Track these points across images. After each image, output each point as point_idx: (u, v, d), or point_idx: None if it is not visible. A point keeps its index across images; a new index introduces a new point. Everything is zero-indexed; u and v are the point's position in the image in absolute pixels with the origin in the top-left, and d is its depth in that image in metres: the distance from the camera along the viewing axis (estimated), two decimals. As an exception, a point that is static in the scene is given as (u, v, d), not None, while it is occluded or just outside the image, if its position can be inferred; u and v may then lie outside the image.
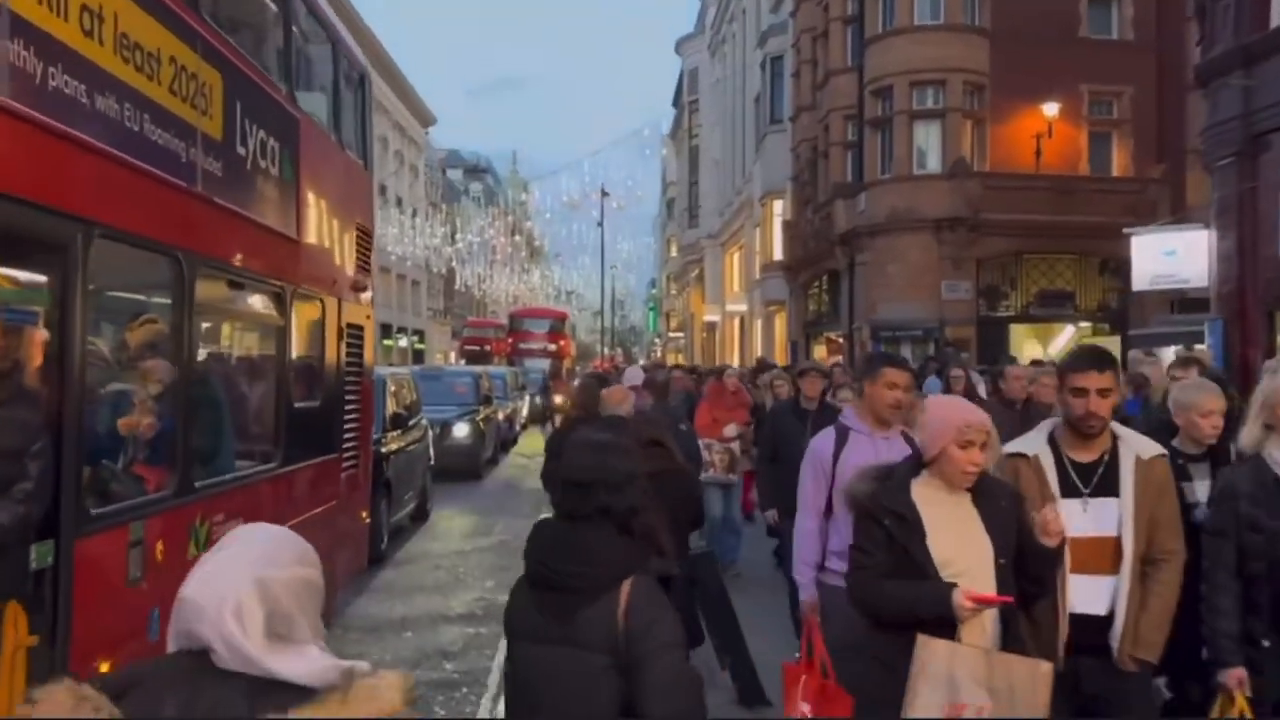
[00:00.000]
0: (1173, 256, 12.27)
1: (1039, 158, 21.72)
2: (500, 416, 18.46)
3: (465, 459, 14.59)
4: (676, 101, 57.40)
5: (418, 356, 60.89)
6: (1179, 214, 22.13)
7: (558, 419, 29.28)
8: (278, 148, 5.64)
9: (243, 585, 1.41)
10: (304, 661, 1.41)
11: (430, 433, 13.41)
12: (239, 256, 5.17)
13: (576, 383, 11.23)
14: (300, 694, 1.36)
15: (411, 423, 10.84)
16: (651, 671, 2.11)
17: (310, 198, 6.28)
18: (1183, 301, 21.81)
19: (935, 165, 21.67)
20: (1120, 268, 22.59)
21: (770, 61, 31.09)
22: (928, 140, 21.84)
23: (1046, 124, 21.65)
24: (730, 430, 8.46)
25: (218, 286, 5.14)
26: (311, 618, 1.48)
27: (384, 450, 9.57)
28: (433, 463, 11.91)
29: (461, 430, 14.55)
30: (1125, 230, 14.59)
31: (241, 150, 5.14)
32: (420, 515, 11.38)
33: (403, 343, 59.02)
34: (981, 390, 8.53)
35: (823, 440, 4.02)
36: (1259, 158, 9.67)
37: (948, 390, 7.80)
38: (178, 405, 4.45)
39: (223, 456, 5.04)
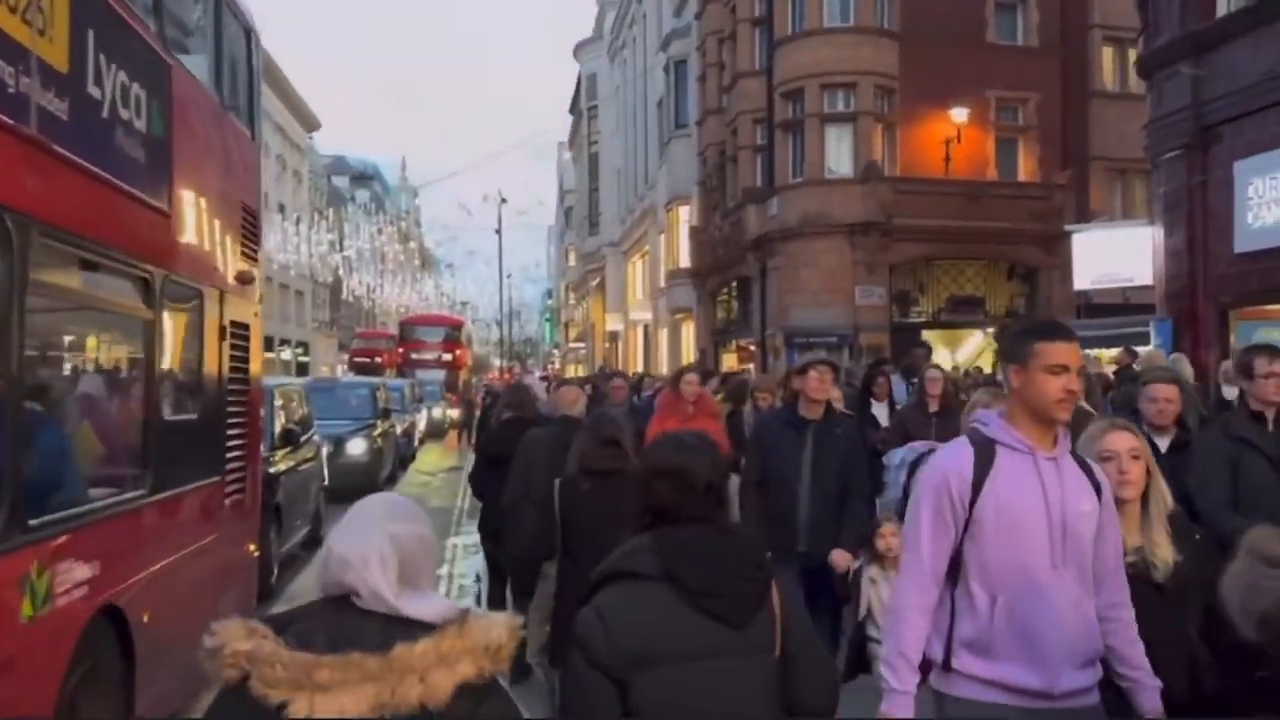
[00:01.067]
0: (1116, 254, 11.95)
1: (948, 163, 21.65)
2: (399, 431, 17.19)
3: (362, 477, 13.31)
4: (574, 108, 56.56)
5: (302, 370, 58.32)
6: (1082, 220, 22.44)
7: (454, 434, 28.23)
8: (144, 96, 4.50)
9: (381, 540, 1.69)
10: (429, 603, 1.71)
11: (323, 450, 12.21)
12: (92, 227, 4.04)
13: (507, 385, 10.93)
14: (426, 628, 1.65)
15: (303, 439, 9.61)
16: (812, 660, 2.19)
17: (186, 163, 5.13)
18: (1089, 307, 22.09)
19: (847, 169, 21.35)
20: (1028, 274, 22.78)
21: (674, 65, 30.52)
22: (839, 144, 21.51)
23: (955, 129, 21.60)
24: None
25: (62, 265, 3.98)
26: (430, 569, 1.79)
27: (273, 471, 8.37)
28: (326, 483, 10.65)
29: (358, 447, 13.29)
30: (1067, 228, 14.39)
31: (95, 91, 4.01)
32: (314, 542, 10.14)
33: (286, 355, 56.43)
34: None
35: (955, 458, 2.61)
36: (1209, 150, 9.37)
37: (922, 395, 7.08)
38: (2, 420, 3.31)
39: (67, 485, 3.89)
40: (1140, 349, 9.67)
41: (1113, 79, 23.51)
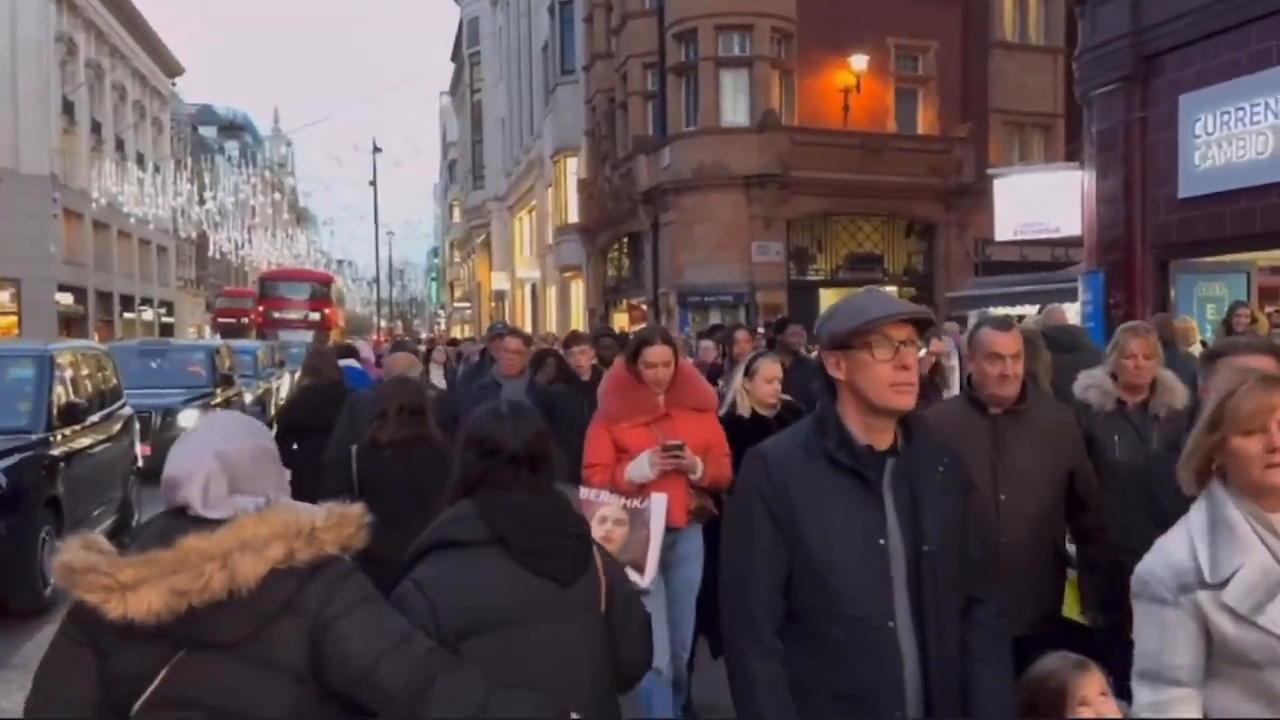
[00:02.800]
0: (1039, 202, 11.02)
1: (847, 113, 20.68)
2: (248, 399, 15.27)
3: (197, 455, 11.55)
4: (456, 55, 53.85)
5: (166, 331, 54.52)
6: (982, 176, 21.85)
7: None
8: None
9: (207, 459, 1.82)
10: (236, 502, 1.80)
11: (139, 425, 10.41)
12: None
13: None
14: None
15: (103, 414, 7.86)
16: (634, 616, 2.24)
17: None
18: (987, 264, 21.58)
19: (743, 118, 20.15)
20: (926, 230, 22.11)
21: (559, 6, 28.73)
22: (735, 91, 20.27)
23: (854, 78, 20.62)
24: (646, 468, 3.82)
25: None
26: (265, 475, 1.90)
27: (51, 455, 6.66)
28: (139, 464, 8.91)
29: (189, 419, 11.46)
30: (989, 171, 13.44)
31: None
32: (123, 529, 8.43)
33: (148, 315, 52.65)
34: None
35: None
36: (1149, 82, 8.43)
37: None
38: None
39: None
40: (1065, 306, 8.72)
41: (1013, 29, 22.91)
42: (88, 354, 8.18)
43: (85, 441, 7.20)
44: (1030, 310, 11.78)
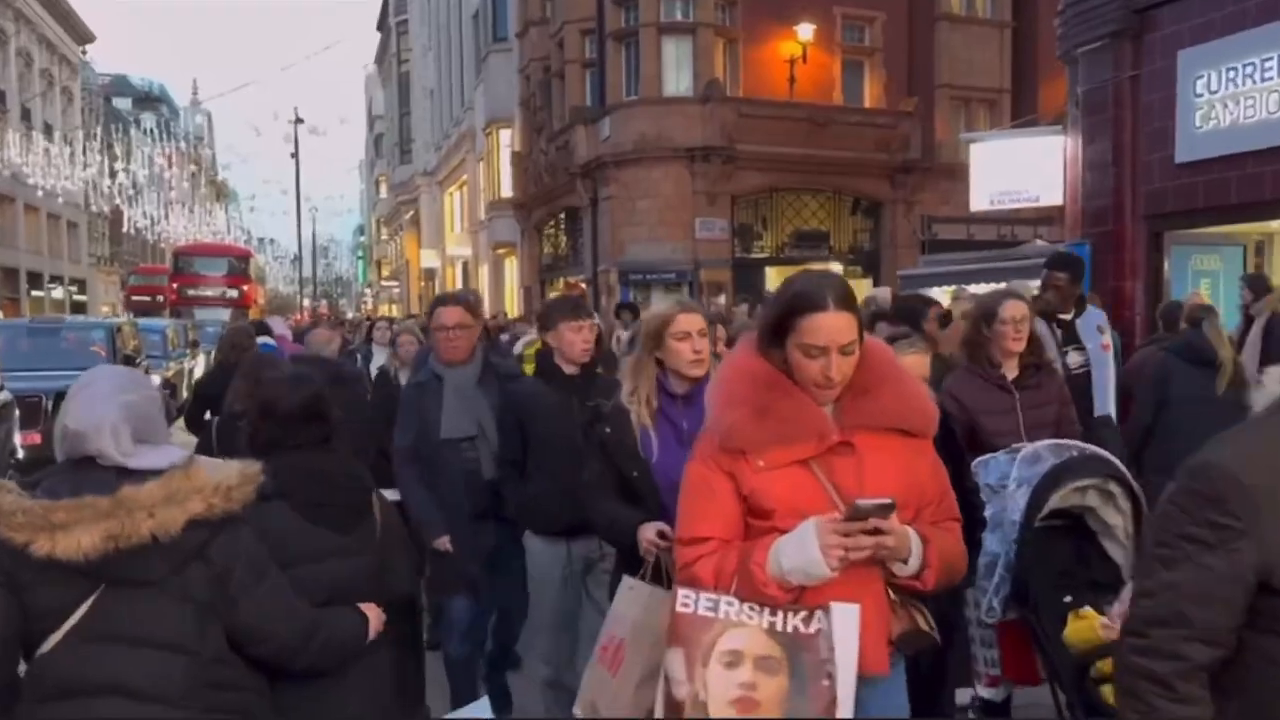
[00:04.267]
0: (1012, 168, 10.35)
1: (793, 85, 19.93)
2: (155, 382, 14.01)
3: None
4: (382, 24, 51.90)
5: (78, 309, 51.83)
6: (928, 152, 21.33)
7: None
8: None
9: (113, 411, 1.94)
10: (160, 454, 1.98)
11: (24, 411, 9.28)
12: None
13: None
14: (156, 475, 1.95)
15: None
16: (400, 555, 2.64)
17: None
18: (934, 243, 21.10)
19: (686, 88, 19.28)
20: (873, 207, 21.53)
21: (492, -29, 27.46)
22: (678, 59, 19.38)
23: (800, 48, 19.86)
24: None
25: None
26: (162, 424, 2.08)
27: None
28: (17, 455, 7.76)
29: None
30: (963, 137, 12.78)
31: None
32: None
33: (57, 294, 49.98)
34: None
35: None
36: (1142, 38, 7.79)
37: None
38: None
39: None
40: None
41: (960, 1, 22.39)
42: None
43: None
44: (986, 288, 11.21)
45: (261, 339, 7.45)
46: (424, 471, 3.89)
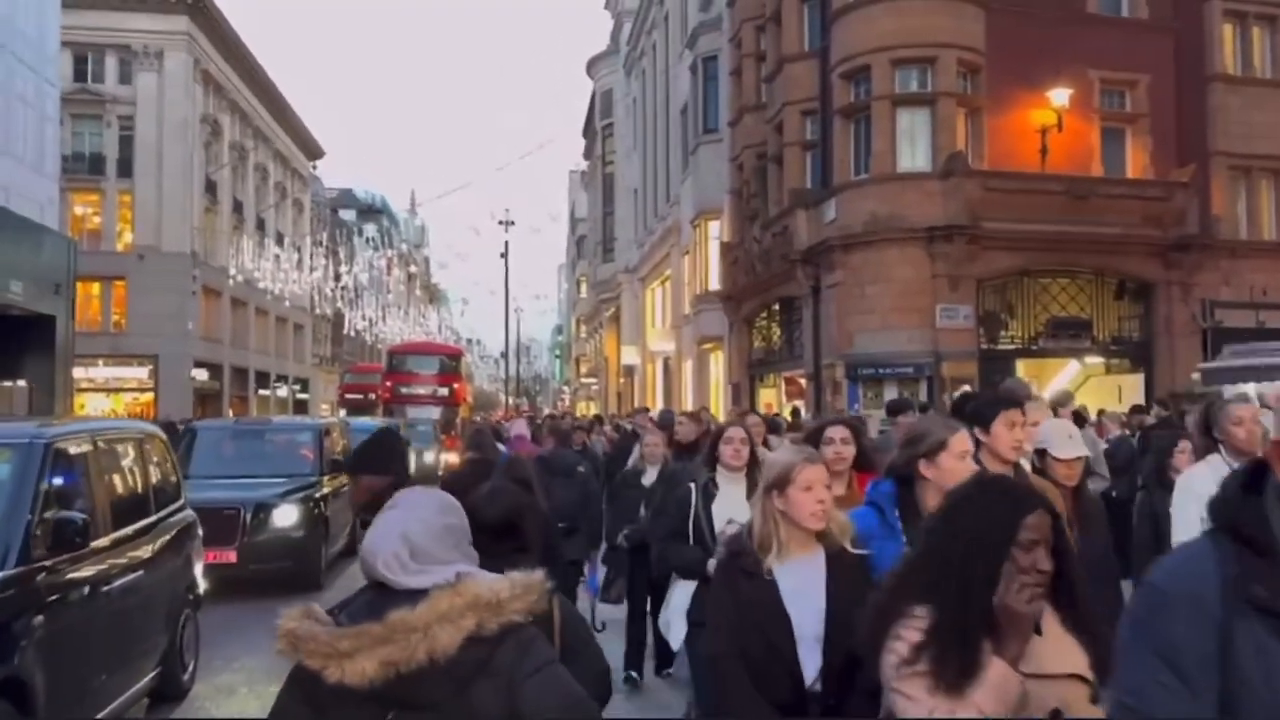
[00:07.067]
0: None
1: (1044, 156, 17.77)
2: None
3: (296, 556, 9.35)
4: (588, 129, 53.09)
5: (300, 407, 54.54)
6: (1205, 228, 18.52)
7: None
8: None
9: (393, 539, 1.96)
10: (427, 576, 1.92)
11: (220, 526, 8.35)
12: None
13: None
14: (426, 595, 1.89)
15: (139, 526, 5.63)
16: (589, 658, 2.58)
17: None
18: (1217, 331, 18.10)
19: (924, 162, 17.49)
20: (1141, 291, 18.77)
21: (702, 63, 26.89)
22: (913, 132, 17.68)
23: (1055, 116, 17.75)
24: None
25: None
26: (454, 548, 2.03)
27: (24, 599, 4.36)
28: (199, 589, 6.66)
29: (287, 516, 9.30)
30: None
31: None
32: (173, 693, 6.16)
33: (282, 392, 52.78)
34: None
35: None
36: None
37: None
38: None
39: None
40: None
41: (1234, 60, 19.69)
42: (116, 438, 5.96)
43: (87, 573, 4.89)
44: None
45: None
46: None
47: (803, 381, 20.17)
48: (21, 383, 17.50)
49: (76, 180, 36.33)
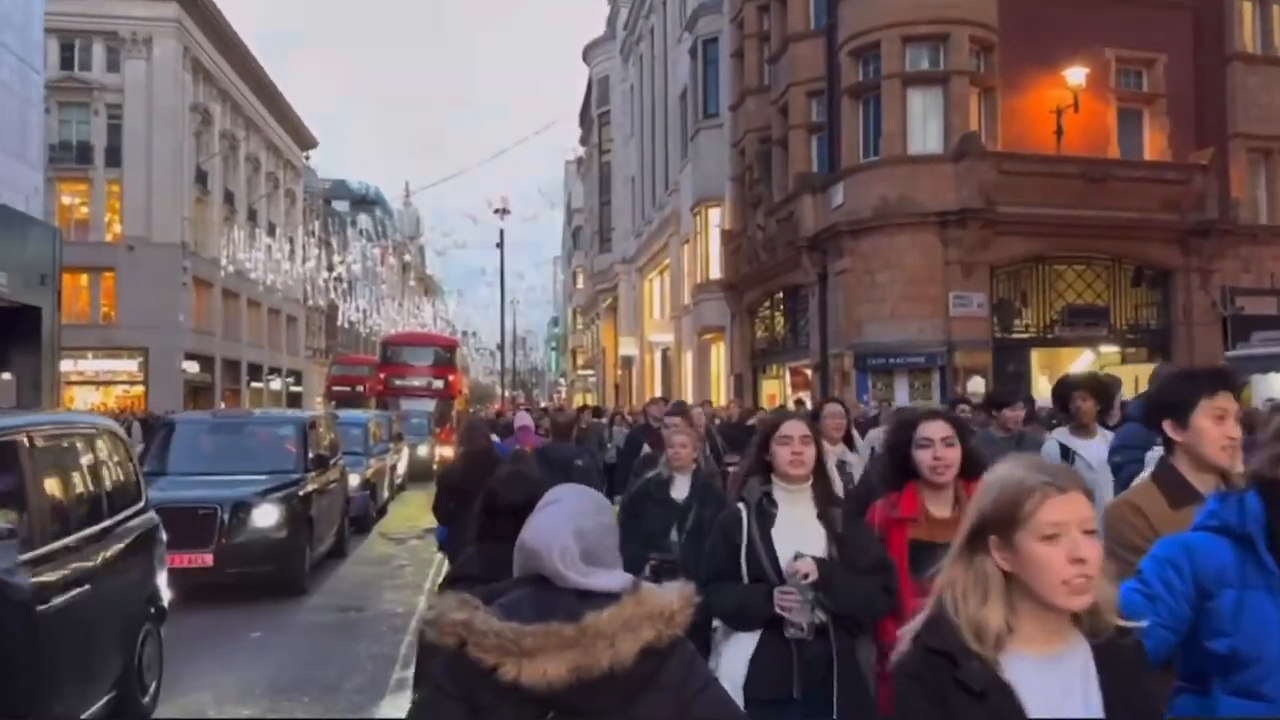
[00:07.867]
0: None
1: (1059, 137, 17.14)
2: (354, 482, 12.55)
3: (276, 560, 8.72)
4: (583, 118, 52.33)
5: (293, 400, 53.85)
6: (1224, 212, 17.91)
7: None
8: None
9: (565, 535, 1.86)
10: (611, 577, 1.85)
11: (196, 525, 7.75)
12: None
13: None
14: (610, 598, 1.80)
15: (83, 535, 4.98)
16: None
17: None
18: (1238, 319, 17.50)
19: (936, 144, 16.86)
20: (1160, 278, 18.16)
21: (702, 46, 26.20)
22: (926, 113, 17.03)
23: (1072, 95, 17.11)
24: None
25: None
26: (612, 548, 1.96)
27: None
28: (161, 601, 6.02)
29: (268, 516, 8.64)
30: None
31: None
32: (132, 718, 5.52)
33: (275, 385, 52.08)
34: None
35: None
36: None
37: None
38: None
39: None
40: None
41: (1254, 39, 19.06)
42: (60, 434, 4.94)
43: (18, 592, 4.15)
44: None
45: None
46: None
47: (808, 372, 19.55)
48: (8, 376, 16.93)
49: (64, 170, 35.61)
